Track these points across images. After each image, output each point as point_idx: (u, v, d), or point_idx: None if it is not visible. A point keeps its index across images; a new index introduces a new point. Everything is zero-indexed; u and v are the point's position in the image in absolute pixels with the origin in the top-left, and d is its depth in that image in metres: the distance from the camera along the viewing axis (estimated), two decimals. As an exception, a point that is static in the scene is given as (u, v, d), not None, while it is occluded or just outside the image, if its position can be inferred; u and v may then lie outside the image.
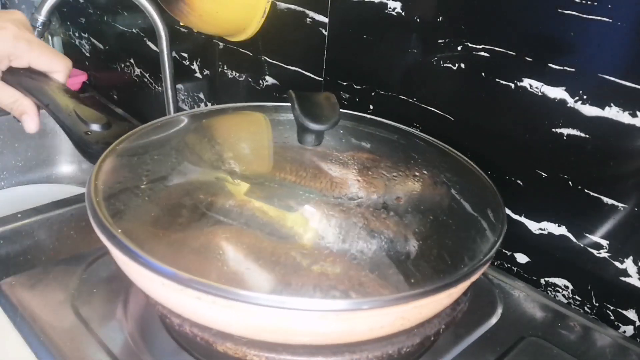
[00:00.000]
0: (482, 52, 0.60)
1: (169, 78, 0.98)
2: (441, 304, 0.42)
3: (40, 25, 0.89)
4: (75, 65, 1.36)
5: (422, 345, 0.43)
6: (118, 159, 0.53)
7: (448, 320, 0.44)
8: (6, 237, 0.69)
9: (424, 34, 0.65)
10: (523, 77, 0.57)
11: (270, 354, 0.40)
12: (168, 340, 0.49)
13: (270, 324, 0.37)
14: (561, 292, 0.61)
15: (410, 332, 0.42)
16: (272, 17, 0.83)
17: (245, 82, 0.93)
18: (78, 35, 1.35)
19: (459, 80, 0.63)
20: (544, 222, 0.60)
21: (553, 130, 0.56)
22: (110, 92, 1.32)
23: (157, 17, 0.93)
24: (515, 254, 0.64)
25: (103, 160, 0.51)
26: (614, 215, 0.54)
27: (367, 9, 0.70)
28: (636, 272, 0.54)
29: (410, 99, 0.69)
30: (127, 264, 0.41)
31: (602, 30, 0.51)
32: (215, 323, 0.40)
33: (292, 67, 0.84)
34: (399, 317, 0.39)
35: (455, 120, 0.65)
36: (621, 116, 0.51)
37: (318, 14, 0.76)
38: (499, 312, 0.55)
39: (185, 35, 1.01)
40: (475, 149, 0.64)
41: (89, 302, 0.52)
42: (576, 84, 0.54)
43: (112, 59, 1.27)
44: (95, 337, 0.48)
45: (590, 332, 0.54)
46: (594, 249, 0.57)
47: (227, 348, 0.40)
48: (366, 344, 0.41)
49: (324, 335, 0.39)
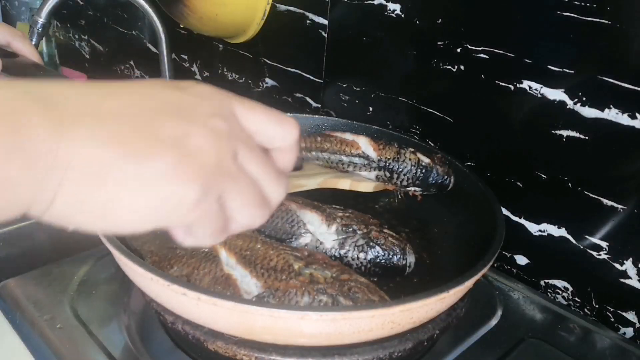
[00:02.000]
0: (482, 54, 0.60)
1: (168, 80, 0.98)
2: (433, 309, 0.42)
3: (40, 27, 0.89)
4: (74, 67, 1.37)
5: (414, 350, 0.43)
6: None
7: (443, 326, 0.44)
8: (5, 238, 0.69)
9: (423, 36, 0.65)
10: (522, 79, 0.57)
11: (260, 354, 0.40)
12: (165, 339, 0.49)
13: (255, 322, 0.38)
14: (561, 293, 0.61)
15: (402, 337, 0.42)
16: (272, 19, 0.83)
17: (245, 83, 0.93)
18: (78, 37, 1.35)
19: (458, 82, 0.63)
20: (544, 224, 0.60)
21: (552, 132, 0.56)
22: (109, 94, 1.32)
23: (157, 19, 0.93)
24: (515, 255, 0.64)
25: None
26: (613, 217, 0.54)
27: (367, 11, 0.70)
28: (636, 274, 0.54)
29: (409, 100, 0.69)
30: (119, 259, 0.42)
31: (601, 32, 0.51)
32: (202, 320, 0.41)
33: (291, 69, 0.84)
34: (388, 321, 0.39)
35: (454, 122, 0.65)
36: (620, 118, 0.51)
37: (318, 16, 0.76)
38: (499, 313, 0.55)
39: (185, 37, 1.01)
40: (475, 151, 0.64)
41: (88, 303, 0.52)
42: (575, 86, 0.54)
43: (111, 61, 1.27)
44: (94, 339, 0.48)
45: (590, 334, 0.54)
46: (594, 250, 0.57)
47: (218, 347, 0.40)
48: (356, 347, 0.41)
49: (311, 337, 0.39)
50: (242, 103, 0.30)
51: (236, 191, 0.28)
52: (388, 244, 0.50)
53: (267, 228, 0.52)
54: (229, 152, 0.27)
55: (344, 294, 0.40)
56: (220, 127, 0.27)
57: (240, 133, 0.29)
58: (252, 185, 0.29)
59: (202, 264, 0.44)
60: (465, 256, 0.51)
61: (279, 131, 0.31)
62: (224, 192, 0.28)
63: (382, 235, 0.51)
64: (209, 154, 0.26)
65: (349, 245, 0.50)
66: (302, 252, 0.46)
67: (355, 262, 0.50)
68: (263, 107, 0.31)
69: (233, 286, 0.42)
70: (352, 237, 0.50)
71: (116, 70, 1.26)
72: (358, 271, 0.49)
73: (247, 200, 0.29)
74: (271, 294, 0.41)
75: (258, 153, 0.29)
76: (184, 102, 0.28)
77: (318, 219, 0.52)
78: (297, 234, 0.51)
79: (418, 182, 0.61)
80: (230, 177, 0.27)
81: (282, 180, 0.31)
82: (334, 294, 0.40)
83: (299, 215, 0.52)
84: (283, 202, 0.53)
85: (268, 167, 0.30)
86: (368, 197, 0.66)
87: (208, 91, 0.29)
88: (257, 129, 0.30)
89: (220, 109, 0.28)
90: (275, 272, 0.42)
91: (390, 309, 0.38)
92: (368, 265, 0.50)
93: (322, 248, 0.51)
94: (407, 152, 0.62)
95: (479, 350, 0.51)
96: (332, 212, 0.53)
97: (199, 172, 0.26)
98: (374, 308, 0.38)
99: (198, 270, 0.44)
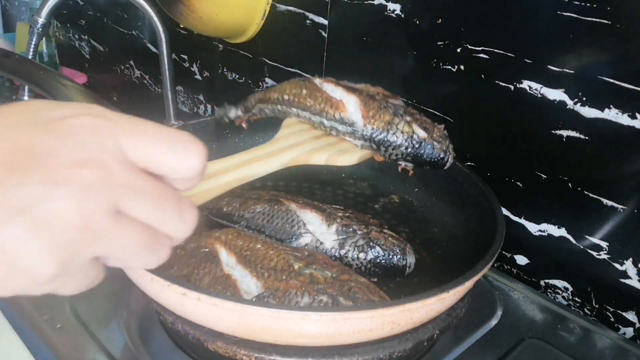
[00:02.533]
0: (482, 54, 0.60)
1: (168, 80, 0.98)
2: (433, 309, 0.42)
3: (40, 27, 0.89)
4: (74, 67, 1.37)
5: (414, 350, 0.43)
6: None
7: (443, 326, 0.44)
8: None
9: (423, 36, 0.65)
10: (522, 79, 0.57)
11: (260, 354, 0.40)
12: (165, 339, 0.49)
13: (255, 323, 0.38)
14: (561, 293, 0.61)
15: (402, 337, 0.42)
16: (272, 19, 0.83)
17: (245, 83, 0.93)
18: (78, 37, 1.35)
19: (458, 82, 0.63)
20: (544, 224, 0.60)
21: (552, 132, 0.56)
22: (109, 93, 1.32)
23: (157, 19, 0.93)
24: (515, 255, 0.64)
25: None
26: (613, 217, 0.54)
27: (367, 11, 0.70)
28: (636, 274, 0.54)
29: (410, 100, 0.69)
30: None
31: (601, 32, 0.51)
32: (202, 320, 0.41)
33: (291, 69, 0.84)
34: (388, 321, 0.39)
35: (454, 122, 0.65)
36: (620, 118, 0.51)
37: (318, 16, 0.76)
38: (499, 313, 0.55)
39: (185, 37, 1.01)
40: (475, 151, 0.64)
41: (88, 303, 0.52)
42: (575, 86, 0.54)
43: (111, 60, 1.27)
44: (94, 339, 0.48)
45: (590, 334, 0.54)
46: (594, 250, 0.57)
47: (218, 347, 0.40)
48: (356, 347, 0.41)
49: (311, 337, 0.39)
50: (132, 133, 0.25)
51: (116, 247, 0.24)
52: (388, 244, 0.50)
53: (267, 228, 0.52)
54: (102, 208, 0.23)
55: (344, 294, 0.40)
56: (88, 179, 0.23)
57: (121, 177, 0.24)
58: (139, 233, 0.25)
59: (202, 264, 0.44)
60: (465, 256, 0.51)
61: (178, 163, 0.25)
62: (99, 252, 0.24)
63: (382, 236, 0.51)
64: (71, 219, 0.22)
65: (349, 245, 0.50)
66: (302, 252, 0.46)
67: (355, 263, 0.50)
68: (161, 134, 0.25)
69: (233, 286, 0.42)
70: (352, 237, 0.50)
71: (116, 70, 1.26)
72: (358, 271, 0.49)
73: (133, 251, 0.25)
74: (271, 294, 0.41)
75: (148, 194, 0.25)
76: (44, 149, 0.22)
77: (318, 219, 0.52)
78: (297, 234, 0.51)
79: (409, 158, 0.54)
80: (104, 236, 0.23)
81: (184, 213, 0.26)
82: (334, 294, 0.40)
83: (299, 215, 0.52)
84: (283, 202, 0.53)
85: (162, 207, 0.25)
86: (368, 197, 0.66)
87: (83, 126, 0.24)
88: (151, 161, 0.25)
89: (93, 152, 0.23)
90: (275, 272, 0.42)
91: (390, 309, 0.38)
92: (368, 266, 0.50)
93: (322, 248, 0.50)
94: (402, 122, 0.53)
95: (479, 350, 0.51)
96: (332, 212, 0.53)
97: (55, 244, 0.22)
98: (374, 308, 0.38)
99: (198, 270, 0.44)
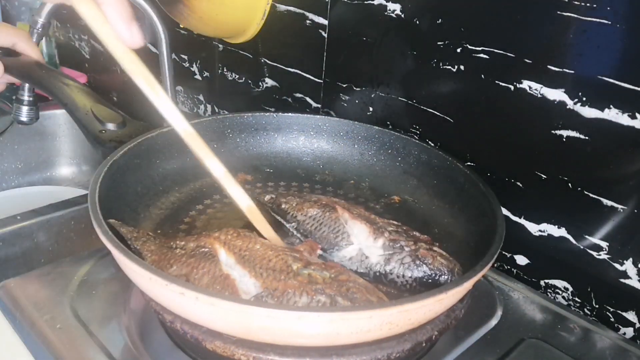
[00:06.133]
0: (482, 54, 0.60)
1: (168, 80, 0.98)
2: (432, 310, 0.41)
3: (40, 27, 0.89)
4: (75, 67, 1.37)
5: (413, 351, 0.43)
6: (123, 162, 0.55)
7: (442, 327, 0.44)
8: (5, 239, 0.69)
9: (423, 36, 0.65)
10: (522, 79, 0.57)
11: (258, 353, 0.40)
12: (165, 339, 0.49)
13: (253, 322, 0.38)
14: (561, 293, 0.61)
15: (401, 338, 0.42)
16: (272, 19, 0.83)
17: (245, 84, 0.93)
18: (78, 37, 1.35)
19: (458, 82, 0.63)
20: (544, 224, 0.60)
21: (552, 132, 0.56)
22: (109, 94, 1.32)
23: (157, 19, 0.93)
24: (515, 255, 0.63)
25: (107, 164, 0.53)
26: (613, 217, 0.54)
27: (367, 11, 0.70)
28: (636, 274, 0.54)
29: (409, 100, 0.69)
30: (119, 259, 0.42)
31: (601, 31, 0.51)
32: (201, 320, 0.41)
33: (291, 69, 0.84)
34: (386, 321, 0.39)
35: (454, 122, 0.65)
36: (620, 118, 0.51)
37: (318, 16, 0.76)
38: (499, 314, 0.55)
39: (185, 37, 1.01)
40: (475, 151, 0.64)
41: (88, 303, 0.52)
42: (575, 86, 0.54)
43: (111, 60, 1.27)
44: (94, 339, 0.48)
45: (590, 334, 0.54)
46: (594, 250, 0.57)
47: (216, 346, 0.40)
48: (355, 348, 0.41)
49: (309, 337, 0.39)
50: None
51: None
52: (436, 264, 0.47)
53: (313, 235, 0.51)
54: None
55: (342, 295, 0.40)
56: None
57: None
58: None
59: (201, 264, 0.44)
60: (465, 256, 0.51)
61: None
62: None
63: (430, 254, 0.48)
64: None
65: (395, 262, 0.48)
66: (301, 253, 0.46)
67: (400, 280, 0.48)
68: None
69: (231, 286, 0.42)
70: (399, 253, 0.48)
71: (116, 70, 1.26)
72: (403, 289, 0.48)
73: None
74: (269, 294, 0.41)
75: None
76: None
77: (366, 232, 0.50)
78: (340, 245, 0.50)
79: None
80: None
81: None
82: (332, 294, 0.40)
83: (346, 225, 0.51)
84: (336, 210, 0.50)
85: None
86: (369, 197, 0.66)
87: None
88: None
89: None
90: (273, 272, 0.42)
91: (388, 309, 0.38)
92: (414, 284, 0.48)
93: (368, 262, 0.49)
94: None
95: (479, 350, 0.51)
96: (383, 225, 0.51)
97: None
98: (372, 309, 0.38)
99: (197, 269, 0.44)
